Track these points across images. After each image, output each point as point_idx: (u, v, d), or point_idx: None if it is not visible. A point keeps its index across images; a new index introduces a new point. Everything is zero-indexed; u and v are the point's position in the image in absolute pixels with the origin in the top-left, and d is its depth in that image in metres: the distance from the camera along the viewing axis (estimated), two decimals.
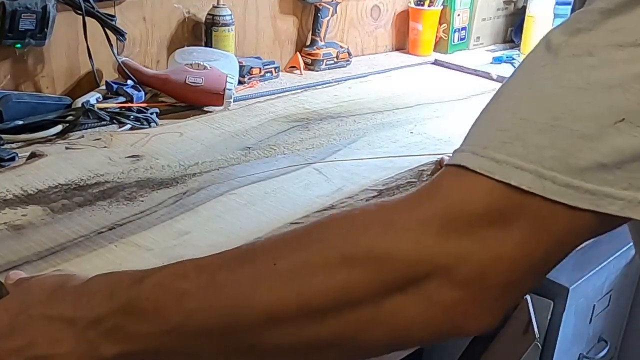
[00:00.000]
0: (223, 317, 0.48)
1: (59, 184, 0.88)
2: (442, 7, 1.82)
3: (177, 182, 0.92)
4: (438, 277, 0.44)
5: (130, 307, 0.50)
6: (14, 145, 1.05)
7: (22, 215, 0.79)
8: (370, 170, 1.00)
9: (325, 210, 0.85)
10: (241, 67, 1.46)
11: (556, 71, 0.45)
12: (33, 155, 0.98)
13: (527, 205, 0.43)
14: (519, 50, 1.85)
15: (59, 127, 1.11)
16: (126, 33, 1.27)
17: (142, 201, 0.85)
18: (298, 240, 0.49)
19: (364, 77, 1.59)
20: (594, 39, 0.44)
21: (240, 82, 1.46)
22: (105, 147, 1.02)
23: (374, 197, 0.91)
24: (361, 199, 0.90)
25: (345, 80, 1.57)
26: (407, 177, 0.99)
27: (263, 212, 0.84)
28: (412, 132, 1.19)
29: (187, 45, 1.42)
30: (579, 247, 0.45)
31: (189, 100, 1.29)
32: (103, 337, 0.51)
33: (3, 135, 1.05)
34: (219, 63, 1.34)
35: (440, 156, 1.04)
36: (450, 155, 0.47)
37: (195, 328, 0.48)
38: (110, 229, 0.78)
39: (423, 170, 1.01)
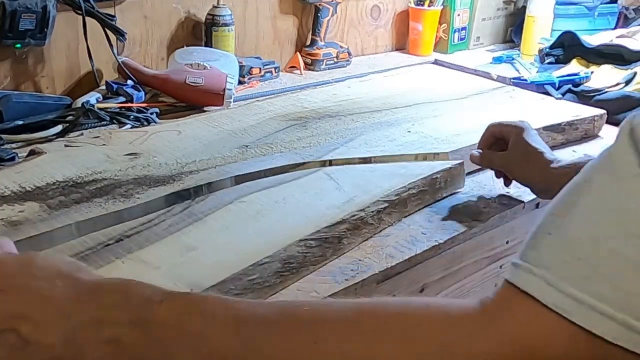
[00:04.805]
0: None
1: (57, 181, 0.89)
2: (442, 7, 1.83)
3: (174, 180, 0.92)
4: None
5: (142, 322, 0.46)
6: (14, 145, 1.06)
7: (19, 212, 0.80)
8: (382, 177, 0.97)
9: (334, 225, 0.83)
10: (241, 67, 1.47)
11: None
12: (32, 153, 0.99)
13: (611, 358, 0.37)
14: (519, 50, 1.85)
15: (59, 127, 1.12)
16: (126, 33, 1.28)
17: (139, 198, 0.86)
18: (345, 323, 0.44)
19: (363, 76, 1.60)
20: None
21: (240, 82, 1.46)
22: (103, 144, 1.03)
23: (384, 208, 0.90)
24: (372, 211, 0.88)
25: (344, 79, 1.57)
26: (419, 185, 0.96)
27: (272, 225, 0.82)
28: (409, 131, 1.19)
29: (187, 45, 1.43)
30: None
31: (189, 100, 1.30)
32: (94, 342, 0.46)
33: (3, 135, 1.06)
34: (219, 63, 1.35)
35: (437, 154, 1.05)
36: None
37: None
38: (117, 241, 0.76)
39: (436, 178, 0.99)
